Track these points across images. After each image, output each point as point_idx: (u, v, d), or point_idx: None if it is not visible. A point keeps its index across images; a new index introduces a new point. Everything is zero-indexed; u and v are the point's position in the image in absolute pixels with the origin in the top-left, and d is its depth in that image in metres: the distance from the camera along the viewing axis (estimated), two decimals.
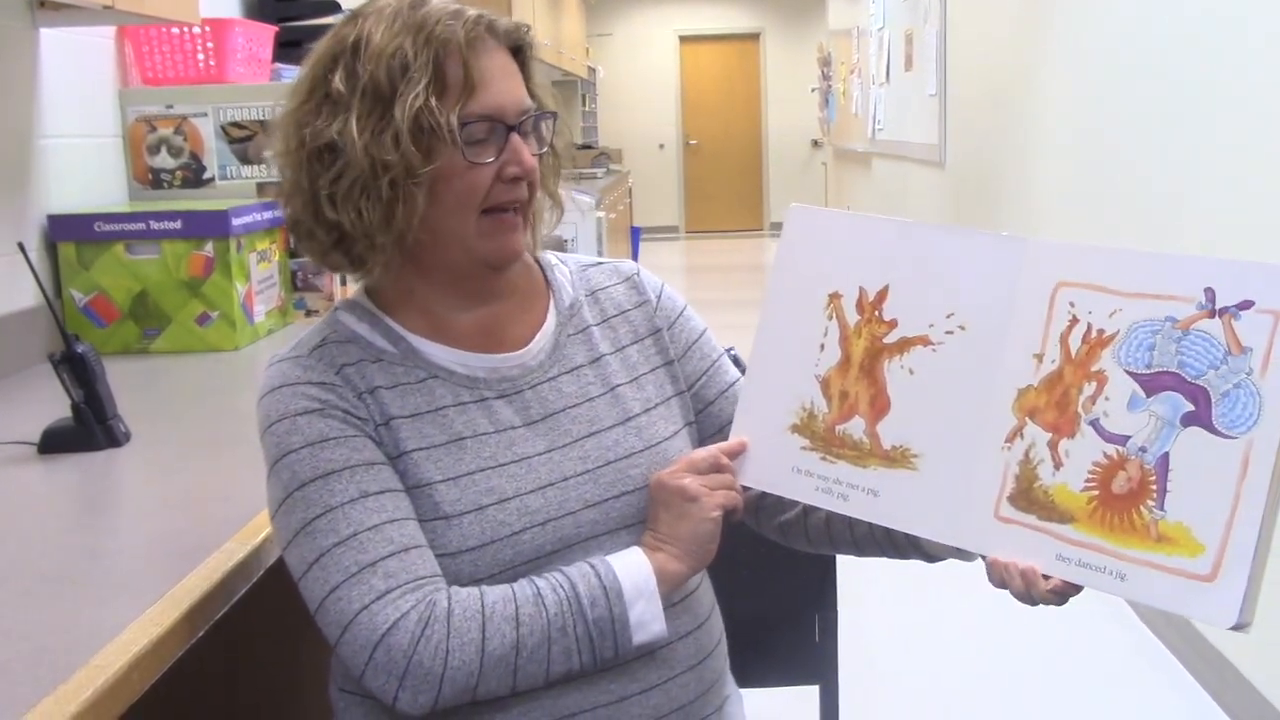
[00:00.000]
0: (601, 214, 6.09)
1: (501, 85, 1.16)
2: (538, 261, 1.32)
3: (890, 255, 1.15)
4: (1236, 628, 0.96)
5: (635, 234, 10.00)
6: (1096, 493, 1.02)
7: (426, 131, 1.12)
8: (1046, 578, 1.05)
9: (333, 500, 1.10)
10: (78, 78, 2.31)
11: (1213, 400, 0.97)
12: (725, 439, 1.24)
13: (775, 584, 1.59)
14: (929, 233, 1.15)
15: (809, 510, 1.27)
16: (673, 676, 1.20)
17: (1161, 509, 0.99)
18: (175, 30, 2.48)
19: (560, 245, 4.88)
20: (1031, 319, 1.06)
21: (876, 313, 1.15)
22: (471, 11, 1.16)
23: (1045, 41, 4.32)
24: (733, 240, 13.09)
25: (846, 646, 1.63)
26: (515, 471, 1.17)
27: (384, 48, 1.13)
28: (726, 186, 13.75)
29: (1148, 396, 1.00)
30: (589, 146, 10.20)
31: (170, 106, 2.45)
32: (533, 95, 1.21)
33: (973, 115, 5.51)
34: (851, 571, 1.75)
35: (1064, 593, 1.05)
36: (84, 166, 2.33)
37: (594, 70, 12.00)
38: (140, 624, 1.02)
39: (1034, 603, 1.07)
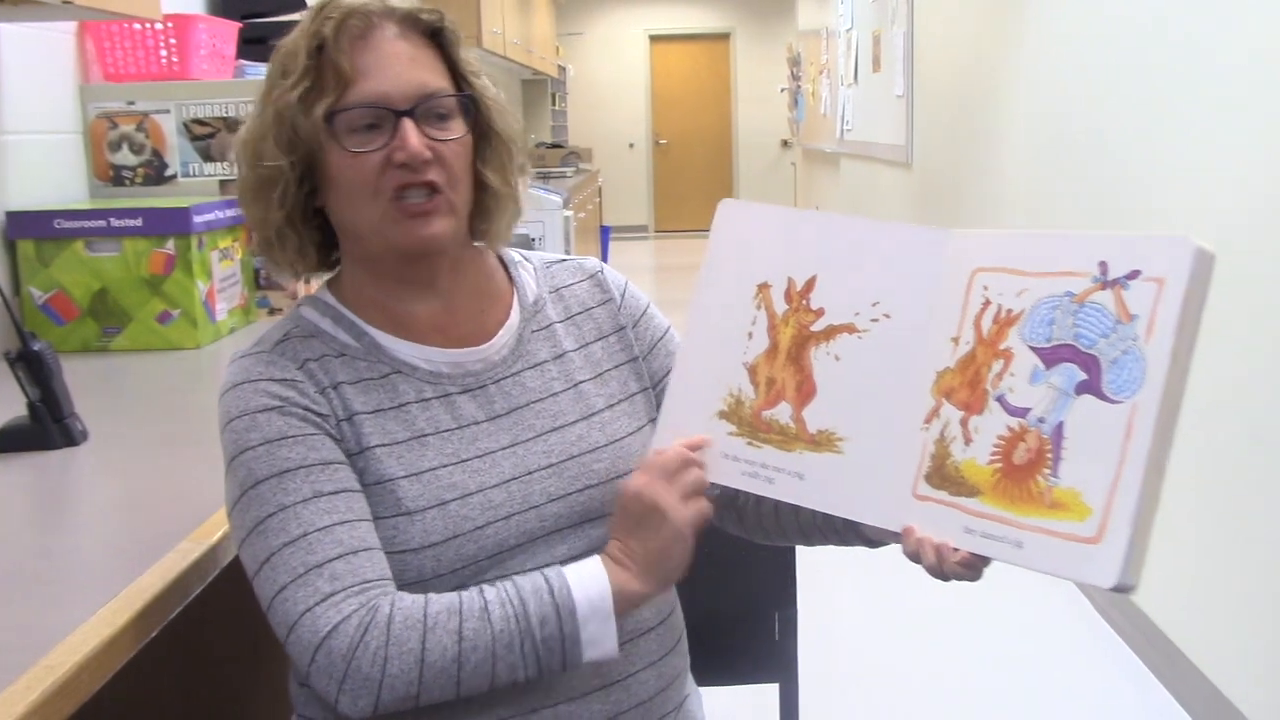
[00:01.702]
0: (569, 213, 6.08)
1: (390, 72, 1.15)
2: (501, 259, 1.32)
3: (818, 247, 1.18)
4: (1118, 588, 0.97)
5: (605, 233, 10.00)
6: (1000, 465, 1.04)
7: (292, 126, 1.15)
8: (957, 551, 1.06)
9: (286, 500, 1.10)
10: (38, 73, 2.29)
11: (1103, 367, 0.99)
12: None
13: (735, 582, 1.59)
14: (856, 225, 1.18)
15: (760, 500, 1.27)
16: (633, 673, 1.20)
17: (1056, 476, 1.01)
18: (137, 26, 2.46)
19: (528, 244, 4.87)
20: (950, 305, 1.09)
21: (804, 302, 1.17)
22: (360, 3, 1.17)
23: (1011, 44, 4.35)
24: (702, 240, 12.88)
25: (806, 645, 1.64)
26: (478, 466, 1.17)
27: (285, 48, 1.17)
28: (696, 186, 13.76)
29: (1047, 369, 1.03)
30: (559, 145, 10.18)
31: (132, 103, 2.43)
32: (461, 78, 1.21)
33: (939, 116, 5.54)
34: (811, 570, 1.76)
35: (973, 565, 1.06)
36: (44, 163, 2.31)
37: (564, 69, 11.99)
38: (92, 624, 1.01)
39: (946, 578, 1.07)
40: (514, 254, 1.33)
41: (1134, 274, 0.99)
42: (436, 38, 1.21)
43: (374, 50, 1.16)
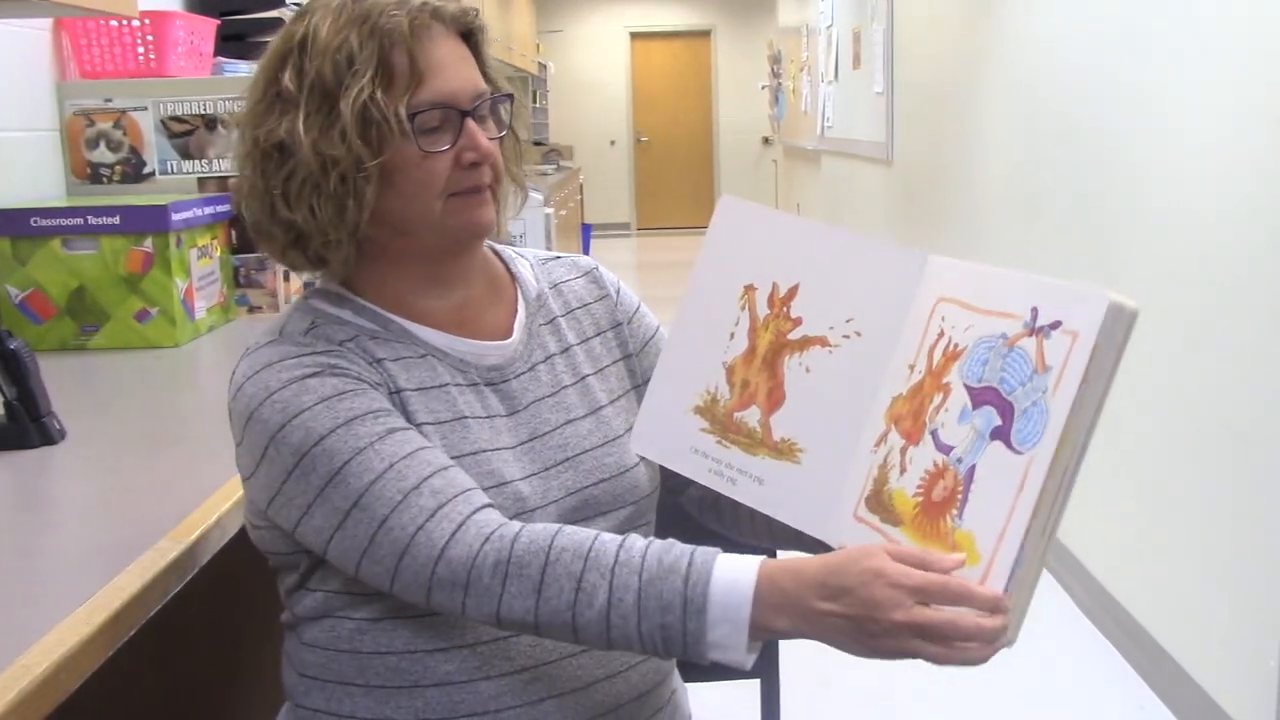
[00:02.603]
0: (550, 211, 6.08)
1: (452, 72, 1.16)
2: (498, 255, 1.33)
3: (805, 255, 1.18)
4: None
5: (586, 231, 10.00)
6: (921, 499, 1.04)
7: (375, 124, 1.12)
8: None
9: (359, 443, 1.08)
10: (14, 70, 2.28)
11: (1015, 416, 0.99)
12: None
13: None
14: (843, 238, 1.18)
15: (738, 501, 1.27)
16: (633, 665, 1.21)
17: (960, 518, 1.00)
18: (114, 23, 2.45)
19: (509, 242, 4.86)
20: (914, 331, 1.10)
21: (785, 309, 1.18)
22: (419, 1, 1.16)
23: (990, 41, 4.36)
24: (684, 237, 13.09)
25: (787, 642, 1.64)
26: (507, 457, 1.18)
27: (330, 43, 1.13)
28: (677, 183, 13.77)
29: (974, 409, 1.02)
30: (540, 143, 10.17)
31: (109, 100, 2.41)
32: (487, 79, 1.22)
33: (919, 113, 5.56)
34: None
35: None
36: (20, 161, 2.29)
37: (544, 66, 11.97)
38: (69, 623, 1.00)
39: None
40: (509, 250, 1.35)
41: (1056, 324, 0.98)
42: (469, 36, 1.21)
43: (437, 48, 1.16)
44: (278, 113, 1.14)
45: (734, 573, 1.00)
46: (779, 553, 1.32)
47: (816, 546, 1.24)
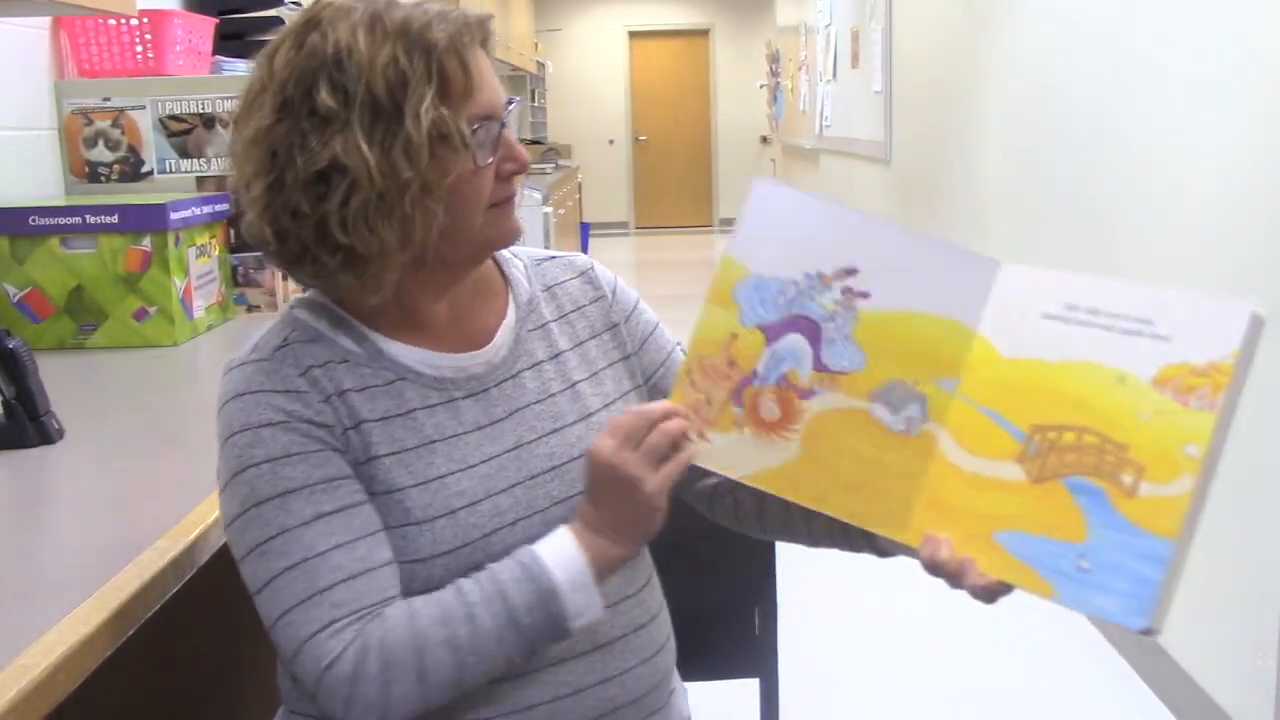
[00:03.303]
0: (549, 209, 6.08)
1: (491, 82, 1.15)
2: (493, 256, 1.31)
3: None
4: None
5: (585, 230, 10.01)
6: None
7: (437, 141, 1.09)
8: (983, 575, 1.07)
9: (288, 521, 1.09)
10: (12, 69, 2.28)
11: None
12: None
13: (716, 578, 1.59)
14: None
15: (763, 497, 1.22)
16: (628, 669, 1.21)
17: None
18: (112, 21, 2.45)
19: None
20: None
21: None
22: (451, 11, 1.14)
23: (988, 39, 4.36)
24: (683, 236, 13.11)
25: (786, 640, 1.64)
26: (485, 472, 1.16)
27: (373, 57, 1.08)
28: (676, 182, 13.77)
29: None
30: (538, 142, 10.18)
31: (107, 99, 2.41)
32: None
33: (917, 112, 5.56)
34: (791, 566, 1.76)
35: (994, 591, 1.07)
36: (19, 159, 2.29)
37: (543, 65, 11.98)
38: (67, 623, 1.00)
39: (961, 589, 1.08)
40: (502, 251, 1.31)
41: None
42: (483, 44, 1.19)
43: (478, 60, 1.14)
44: (317, 133, 1.07)
45: (557, 548, 1.13)
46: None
47: (860, 546, 1.23)
